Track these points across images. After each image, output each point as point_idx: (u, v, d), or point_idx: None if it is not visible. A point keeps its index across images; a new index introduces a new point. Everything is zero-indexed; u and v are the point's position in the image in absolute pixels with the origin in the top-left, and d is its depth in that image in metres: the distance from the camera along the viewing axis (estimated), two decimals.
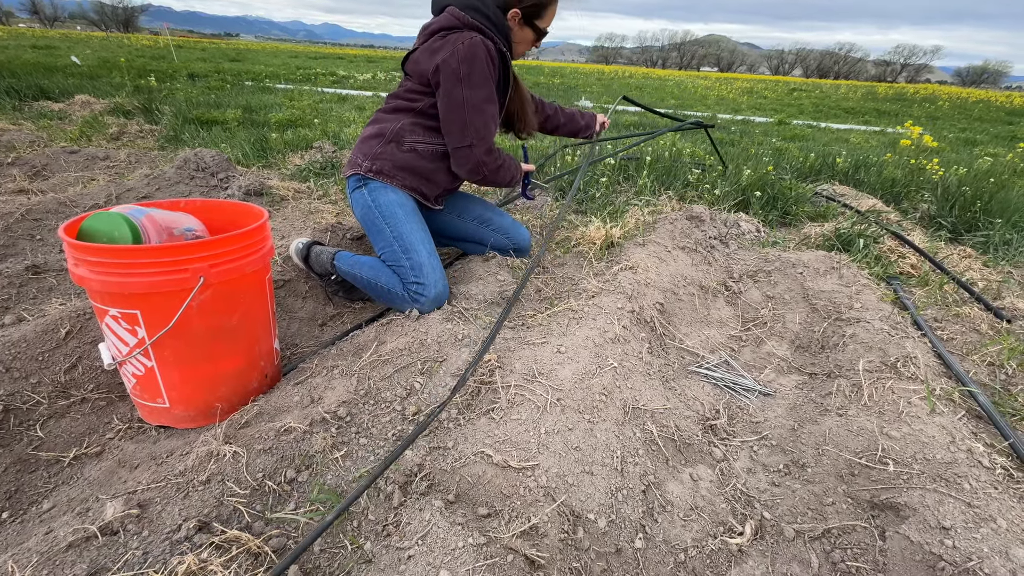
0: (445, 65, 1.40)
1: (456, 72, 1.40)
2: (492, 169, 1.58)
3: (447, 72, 1.41)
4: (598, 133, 2.12)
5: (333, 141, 3.81)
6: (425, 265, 1.43)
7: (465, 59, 1.39)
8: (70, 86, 5.75)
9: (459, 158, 1.54)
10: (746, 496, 1.02)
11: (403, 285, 1.44)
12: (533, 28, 1.55)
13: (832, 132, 7.01)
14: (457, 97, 1.43)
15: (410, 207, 1.54)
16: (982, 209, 2.57)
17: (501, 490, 0.88)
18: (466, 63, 1.39)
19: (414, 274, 1.42)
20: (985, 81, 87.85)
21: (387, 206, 1.51)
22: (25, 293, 1.53)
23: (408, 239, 1.47)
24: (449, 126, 1.49)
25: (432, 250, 1.49)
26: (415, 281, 1.42)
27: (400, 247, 1.47)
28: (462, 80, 1.41)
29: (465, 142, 1.50)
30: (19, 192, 2.46)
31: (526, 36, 1.57)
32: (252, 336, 1.13)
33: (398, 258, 1.46)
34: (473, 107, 1.44)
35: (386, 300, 1.51)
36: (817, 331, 1.54)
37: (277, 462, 0.91)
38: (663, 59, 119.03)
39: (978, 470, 0.95)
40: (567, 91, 10.78)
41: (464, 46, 1.39)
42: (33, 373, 1.16)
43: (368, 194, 1.53)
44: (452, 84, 1.42)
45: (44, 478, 1.00)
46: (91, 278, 0.93)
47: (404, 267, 1.44)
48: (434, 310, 1.41)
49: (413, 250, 1.45)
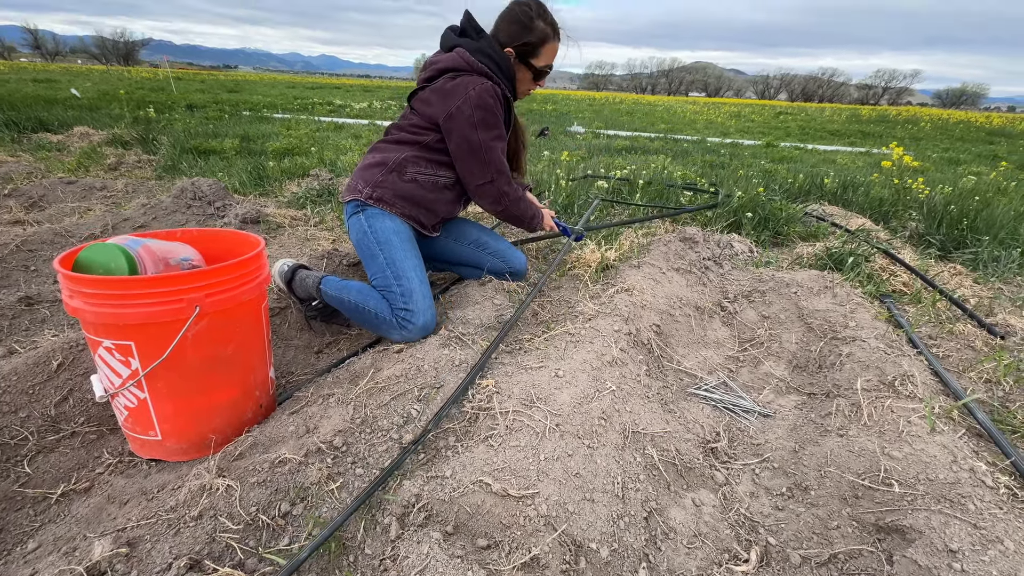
0: (459, 112, 1.48)
1: (471, 119, 1.48)
2: (513, 200, 1.65)
3: (461, 119, 1.48)
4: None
5: (330, 168, 3.86)
6: (416, 292, 1.44)
7: (479, 106, 1.47)
8: (69, 118, 5.82)
9: (482, 193, 1.62)
10: (750, 521, 1.01)
11: (392, 311, 1.44)
12: (529, 67, 1.59)
13: (819, 154, 7.17)
14: (474, 141, 1.50)
15: (406, 235, 1.56)
16: (969, 227, 2.61)
17: (501, 520, 0.86)
18: (480, 109, 1.47)
19: (403, 300, 1.43)
20: (964, 102, 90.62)
21: (383, 232, 1.52)
22: (18, 325, 1.52)
23: (401, 266, 1.48)
24: (469, 167, 1.56)
25: (424, 279, 1.50)
26: (404, 307, 1.42)
27: (392, 273, 1.47)
28: (477, 126, 1.49)
29: (487, 178, 1.58)
30: (15, 223, 2.47)
31: (525, 76, 1.61)
32: (247, 365, 1.12)
33: (389, 284, 1.47)
34: (489, 147, 1.53)
35: (372, 326, 1.49)
36: (814, 350, 1.54)
37: (271, 495, 0.89)
38: (652, 85, 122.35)
39: (982, 490, 0.94)
40: (559, 117, 11.02)
41: (475, 93, 1.46)
42: (23, 407, 1.14)
43: (365, 220, 1.54)
44: (468, 130, 1.49)
45: (30, 516, 0.98)
46: (86, 309, 0.92)
47: (394, 293, 1.45)
48: (420, 339, 1.41)
49: (405, 277, 1.46)
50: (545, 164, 4.27)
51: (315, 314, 1.63)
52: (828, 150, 7.76)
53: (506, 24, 1.54)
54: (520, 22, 1.52)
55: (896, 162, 3.50)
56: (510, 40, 1.54)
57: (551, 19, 1.55)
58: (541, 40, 1.55)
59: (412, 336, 1.41)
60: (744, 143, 7.97)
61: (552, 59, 1.61)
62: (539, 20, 1.53)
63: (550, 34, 1.55)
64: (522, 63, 1.58)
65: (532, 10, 1.52)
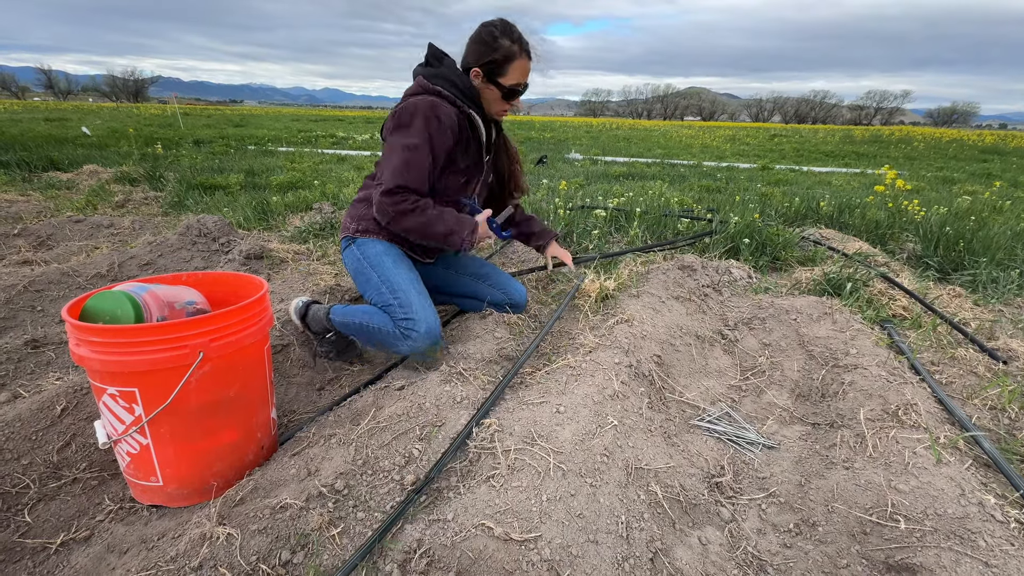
0: (387, 122, 1.55)
1: (389, 124, 1.53)
2: (397, 212, 1.46)
3: (386, 127, 1.56)
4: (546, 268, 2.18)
5: (332, 201, 3.93)
6: (414, 302, 1.46)
7: (402, 111, 1.49)
8: (79, 156, 5.97)
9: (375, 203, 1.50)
10: (758, 560, 0.99)
11: (394, 323, 1.46)
12: (497, 85, 1.55)
13: (814, 175, 7.26)
14: (387, 144, 1.54)
15: (396, 254, 1.60)
16: (966, 248, 2.63)
17: (503, 565, 0.85)
18: (403, 114, 1.48)
19: (403, 311, 1.45)
20: (956, 121, 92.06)
21: (374, 256, 1.57)
22: (23, 368, 1.53)
23: (395, 280, 1.51)
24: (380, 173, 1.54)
25: (421, 290, 1.52)
26: (405, 317, 1.44)
27: (388, 288, 1.51)
28: (392, 130, 1.51)
29: (376, 182, 1.54)
30: (23, 263, 2.51)
31: (493, 94, 1.57)
32: (250, 408, 1.12)
33: (387, 299, 1.50)
34: (392, 149, 1.48)
35: (380, 342, 1.52)
36: (816, 379, 1.53)
37: (272, 543, 0.88)
38: (648, 110, 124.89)
39: (992, 524, 0.92)
40: (557, 144, 11.24)
41: (408, 103, 1.50)
42: (25, 453, 1.14)
43: (357, 249, 1.60)
44: (387, 134, 1.54)
45: (28, 568, 0.97)
46: (92, 357, 0.94)
47: (393, 306, 1.48)
48: (428, 346, 1.43)
49: (400, 289, 1.49)
50: (544, 193, 4.34)
51: (330, 347, 1.65)
52: (823, 171, 7.86)
53: (472, 45, 1.55)
54: (484, 41, 1.52)
55: (889, 185, 3.55)
56: (476, 60, 1.53)
57: (518, 36, 1.52)
58: (506, 58, 1.51)
59: (419, 345, 1.42)
60: (740, 166, 8.09)
61: (522, 77, 1.56)
62: (504, 38, 1.50)
63: (516, 51, 1.51)
64: (490, 82, 1.55)
65: (497, 29, 1.51)
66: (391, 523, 0.92)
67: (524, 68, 1.56)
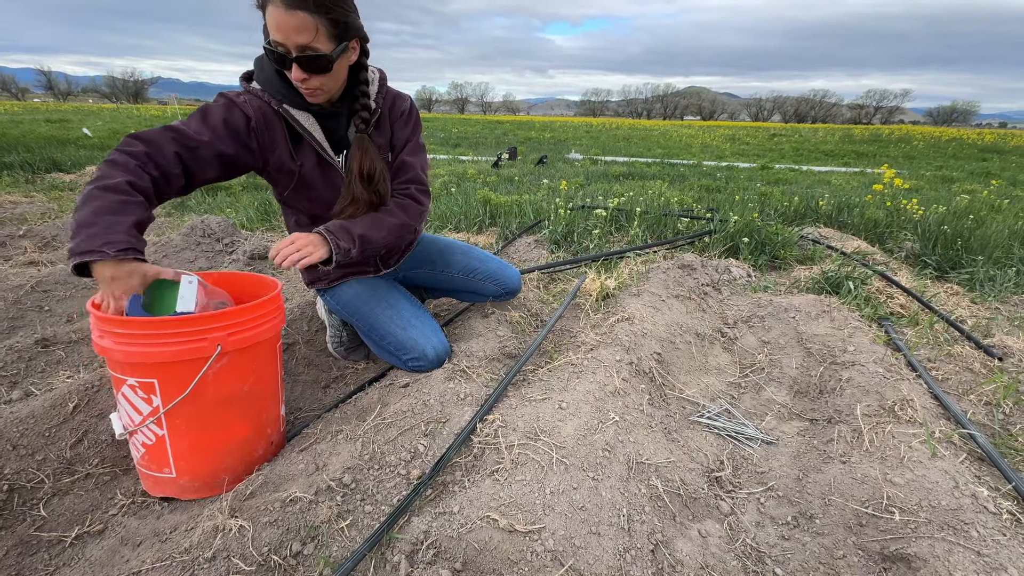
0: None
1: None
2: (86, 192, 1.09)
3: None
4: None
5: None
6: (406, 341, 1.44)
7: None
8: (81, 157, 6.00)
9: None
10: (757, 552, 1.01)
11: (401, 362, 1.48)
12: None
13: (814, 175, 7.28)
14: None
15: (364, 291, 1.51)
16: (963, 247, 2.65)
17: (508, 556, 0.88)
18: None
19: (401, 353, 1.46)
20: (956, 120, 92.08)
21: (347, 304, 1.52)
22: (34, 367, 1.55)
23: (378, 328, 1.48)
24: None
25: (407, 320, 1.48)
26: (406, 358, 1.46)
27: (376, 337, 1.49)
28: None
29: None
30: (30, 264, 2.53)
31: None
32: (262, 403, 1.15)
33: (380, 348, 1.52)
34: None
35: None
36: (814, 376, 1.56)
37: (283, 535, 0.91)
38: (647, 110, 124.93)
39: (984, 516, 0.95)
40: (558, 144, 11.26)
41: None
42: (39, 449, 1.16)
43: (328, 299, 1.56)
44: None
45: (45, 560, 0.99)
46: (115, 348, 0.97)
47: (389, 352, 1.49)
48: (439, 365, 1.45)
49: (389, 334, 1.46)
50: (544, 193, 4.36)
51: (350, 340, 1.68)
52: (823, 171, 7.89)
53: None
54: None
55: (888, 184, 3.57)
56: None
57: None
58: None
59: (430, 368, 1.44)
60: (740, 166, 8.11)
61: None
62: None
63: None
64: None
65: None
66: (398, 515, 0.94)
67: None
